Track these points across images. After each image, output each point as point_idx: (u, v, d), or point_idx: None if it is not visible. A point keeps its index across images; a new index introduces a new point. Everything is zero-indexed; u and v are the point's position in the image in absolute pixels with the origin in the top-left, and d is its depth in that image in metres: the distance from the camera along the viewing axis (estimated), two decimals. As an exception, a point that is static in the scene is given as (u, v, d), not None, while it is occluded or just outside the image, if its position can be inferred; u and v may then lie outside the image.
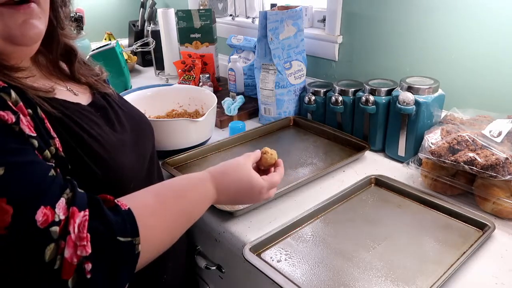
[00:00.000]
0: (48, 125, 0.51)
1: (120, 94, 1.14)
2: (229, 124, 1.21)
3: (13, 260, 0.42)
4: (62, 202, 0.45)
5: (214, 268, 0.91)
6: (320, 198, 0.87)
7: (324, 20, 1.37)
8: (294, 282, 0.66)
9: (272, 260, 0.73)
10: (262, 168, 0.74)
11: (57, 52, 0.64)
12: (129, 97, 1.15)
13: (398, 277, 0.68)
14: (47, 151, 0.49)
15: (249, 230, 0.80)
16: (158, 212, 0.54)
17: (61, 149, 0.52)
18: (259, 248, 0.75)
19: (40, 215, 0.42)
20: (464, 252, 0.71)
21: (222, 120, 1.28)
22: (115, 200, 0.51)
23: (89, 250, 0.44)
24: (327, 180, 0.97)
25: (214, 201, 0.64)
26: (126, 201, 0.52)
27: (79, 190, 0.48)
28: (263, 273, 0.68)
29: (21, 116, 0.46)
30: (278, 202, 0.89)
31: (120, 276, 0.47)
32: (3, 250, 0.42)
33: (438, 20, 1.06)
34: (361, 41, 1.26)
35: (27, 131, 0.46)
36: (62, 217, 0.44)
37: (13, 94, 0.46)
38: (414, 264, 0.70)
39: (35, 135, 0.48)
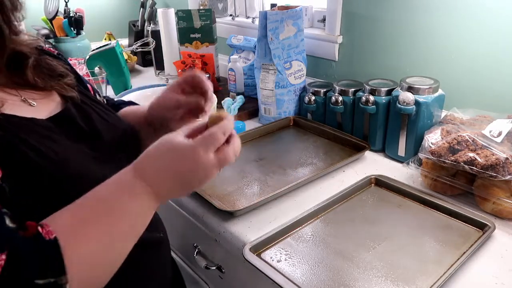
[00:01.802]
0: None
1: (120, 94, 1.15)
2: (229, 124, 1.21)
3: None
4: None
5: (214, 268, 0.91)
6: (320, 198, 0.87)
7: (324, 20, 1.37)
8: (294, 282, 0.66)
9: (272, 260, 0.73)
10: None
11: (2, 59, 0.56)
12: (129, 97, 1.15)
13: (398, 277, 0.68)
14: None
15: (249, 230, 0.80)
16: (83, 234, 0.46)
17: None
18: (259, 248, 0.75)
19: None
20: (464, 252, 0.71)
21: (222, 120, 1.28)
22: (38, 227, 0.43)
23: None
24: (327, 180, 0.97)
25: (153, 196, 0.50)
26: (50, 223, 0.45)
27: (7, 223, 0.42)
28: (263, 273, 0.68)
29: None
30: (278, 202, 0.89)
31: None
32: None
33: (438, 20, 1.06)
34: (361, 41, 1.26)
35: None
36: None
37: None
38: (414, 264, 0.70)
39: None
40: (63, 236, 0.43)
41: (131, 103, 0.90)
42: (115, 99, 0.93)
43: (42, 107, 0.59)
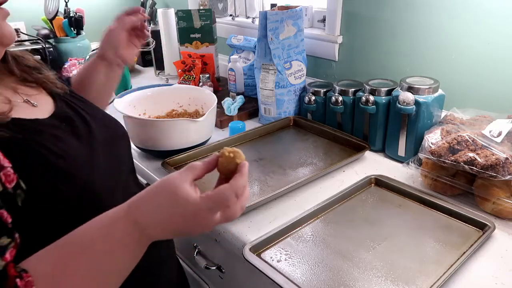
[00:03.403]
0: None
1: (120, 94, 1.15)
2: (229, 124, 1.21)
3: None
4: None
5: (214, 268, 0.91)
6: (320, 198, 0.87)
7: (324, 20, 1.37)
8: (294, 282, 0.66)
9: (272, 260, 0.73)
10: (223, 176, 0.54)
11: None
12: (129, 97, 1.15)
13: (398, 277, 0.68)
14: None
15: (249, 230, 0.80)
16: (63, 283, 0.44)
17: (12, 182, 0.45)
18: (259, 248, 0.75)
19: None
20: (464, 252, 0.71)
21: (222, 120, 1.28)
22: (18, 279, 0.42)
23: None
24: (327, 180, 0.97)
25: (144, 238, 0.48)
26: (30, 271, 0.43)
27: None
28: (263, 273, 0.68)
29: None
30: (278, 202, 0.89)
31: None
32: None
33: (438, 20, 1.06)
34: (361, 41, 1.26)
35: None
36: None
37: None
38: (414, 264, 0.70)
39: None
40: (42, 285, 0.42)
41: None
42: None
43: (42, 106, 0.60)
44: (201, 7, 1.71)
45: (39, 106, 0.59)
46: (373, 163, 1.04)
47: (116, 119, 0.74)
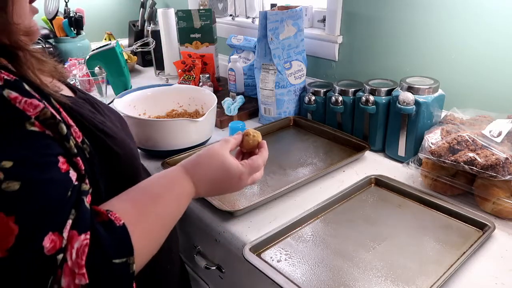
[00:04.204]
0: (64, 114, 0.50)
1: (120, 94, 1.15)
2: (229, 124, 1.21)
3: (8, 286, 0.39)
4: (68, 225, 0.43)
5: (214, 268, 0.91)
6: (320, 198, 0.87)
7: (324, 20, 1.37)
8: (294, 282, 0.66)
9: (272, 260, 0.73)
10: (245, 151, 0.71)
11: None
12: (129, 97, 1.15)
13: (398, 277, 0.68)
14: (71, 140, 0.48)
15: (249, 230, 0.80)
16: (142, 222, 0.52)
17: (79, 138, 0.51)
18: (259, 248, 0.75)
19: (48, 241, 0.40)
20: (464, 252, 0.71)
21: (222, 120, 1.28)
22: (108, 214, 0.48)
23: (87, 279, 0.41)
24: (327, 180, 0.97)
25: (193, 195, 0.61)
26: (115, 211, 0.50)
27: (84, 207, 0.46)
28: (263, 273, 0.68)
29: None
30: (278, 202, 0.89)
31: None
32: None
33: (438, 20, 1.06)
34: (361, 41, 1.26)
35: (57, 116, 0.46)
36: (66, 242, 0.42)
37: (26, 86, 0.45)
38: (414, 264, 0.70)
39: (62, 120, 0.47)
40: (128, 223, 0.49)
41: None
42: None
43: (65, 91, 0.63)
44: (201, 7, 1.71)
45: (63, 90, 0.62)
46: (373, 163, 1.04)
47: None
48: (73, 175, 0.46)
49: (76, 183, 0.46)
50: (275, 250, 0.75)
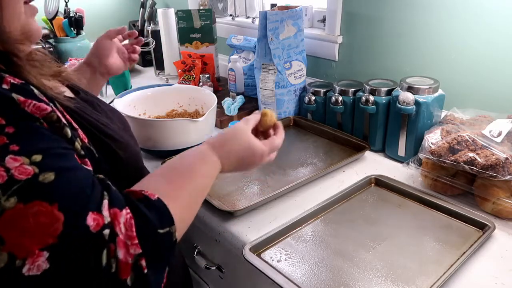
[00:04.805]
0: (69, 117, 0.51)
1: (120, 94, 1.15)
2: (229, 124, 1.21)
3: (66, 269, 0.41)
4: (105, 204, 0.45)
5: (214, 268, 0.91)
6: (320, 198, 0.87)
7: (324, 20, 1.37)
8: (294, 282, 0.66)
9: (272, 260, 0.73)
10: (261, 129, 0.74)
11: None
12: (129, 97, 1.15)
13: (398, 277, 0.68)
14: (76, 143, 0.49)
15: (249, 230, 0.80)
16: (175, 195, 0.54)
17: (86, 140, 0.52)
18: (259, 248, 0.75)
19: (91, 220, 0.43)
20: (464, 252, 0.71)
21: (222, 120, 1.28)
22: (142, 191, 0.51)
23: (140, 248, 0.45)
24: (327, 180, 0.97)
25: (220, 170, 0.64)
26: (146, 189, 0.52)
27: (113, 188, 0.49)
28: (263, 273, 0.68)
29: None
30: (278, 202, 0.89)
31: (167, 265, 0.50)
32: (55, 261, 0.40)
33: (438, 20, 1.06)
34: (361, 41, 1.26)
35: (63, 120, 0.47)
36: (109, 219, 0.44)
37: (35, 90, 0.46)
38: (414, 264, 0.70)
39: (67, 124, 0.48)
40: (163, 196, 0.51)
41: None
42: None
43: (67, 93, 0.64)
44: (201, 7, 1.71)
45: (65, 92, 0.63)
46: (373, 163, 1.04)
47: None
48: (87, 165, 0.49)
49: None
50: (275, 250, 0.75)
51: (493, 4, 0.95)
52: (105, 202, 0.45)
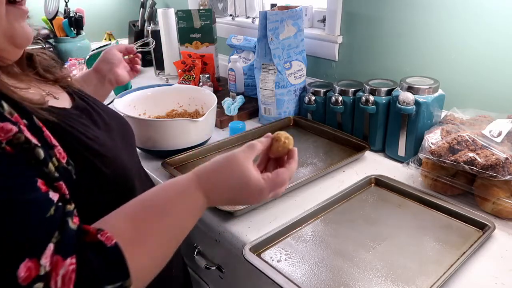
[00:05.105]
0: (47, 133, 0.47)
1: (120, 94, 1.15)
2: (229, 124, 1.21)
3: None
4: (49, 249, 0.39)
5: (214, 268, 0.91)
6: (320, 198, 0.87)
7: (324, 20, 1.37)
8: (294, 282, 0.66)
9: (272, 260, 0.73)
10: (272, 156, 0.63)
11: (24, 56, 0.59)
12: (129, 97, 1.15)
13: (398, 277, 0.68)
14: (50, 164, 0.44)
15: (249, 230, 0.80)
16: (144, 239, 0.47)
17: (64, 159, 0.48)
18: (259, 248, 0.75)
19: (23, 269, 0.37)
20: (464, 252, 0.71)
21: (222, 120, 1.28)
22: (98, 234, 0.44)
23: None
24: (327, 180, 0.97)
25: (206, 206, 0.56)
26: (106, 229, 0.45)
27: (69, 228, 0.43)
28: (263, 273, 0.68)
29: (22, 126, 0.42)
30: (278, 202, 0.89)
31: None
32: None
33: (438, 20, 1.06)
34: (361, 41, 1.26)
35: (33, 140, 0.42)
36: (48, 269, 0.38)
37: (5, 105, 0.42)
38: (414, 264, 0.70)
39: (40, 145, 0.43)
40: (122, 241, 0.45)
41: None
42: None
43: (62, 100, 0.62)
44: (201, 7, 1.71)
45: (60, 99, 0.61)
46: (373, 163, 1.04)
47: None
48: (54, 195, 0.43)
49: (59, 204, 0.43)
50: (275, 250, 0.75)
51: (493, 4, 0.95)
52: (50, 246, 0.39)
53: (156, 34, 1.75)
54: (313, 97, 1.19)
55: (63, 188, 0.45)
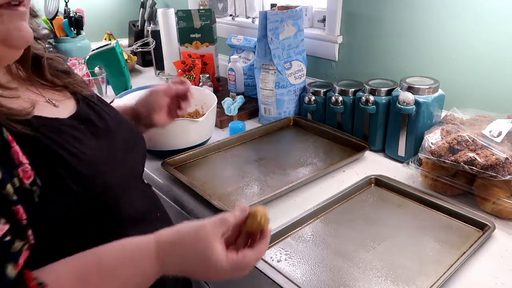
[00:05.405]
0: (16, 149, 0.45)
1: (120, 94, 1.15)
2: (229, 124, 1.21)
3: None
4: None
5: (214, 268, 0.91)
6: (320, 198, 0.87)
7: (324, 20, 1.37)
8: (294, 282, 0.66)
9: (272, 260, 0.73)
10: (245, 231, 0.57)
11: (29, 59, 0.58)
12: (129, 97, 1.15)
13: (398, 277, 0.68)
14: (9, 185, 0.42)
15: (249, 230, 0.80)
16: None
17: (29, 179, 0.45)
18: (259, 248, 0.75)
19: None
20: (464, 252, 0.71)
21: (222, 120, 1.28)
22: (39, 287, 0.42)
23: None
24: (327, 180, 0.97)
25: (159, 275, 0.52)
26: (49, 283, 0.43)
27: (8, 273, 0.40)
28: (263, 273, 0.68)
29: None
30: (278, 202, 0.89)
31: None
32: None
33: (438, 20, 1.06)
34: (361, 41, 1.26)
35: None
36: None
37: None
38: (414, 264, 0.70)
39: (2, 162, 0.42)
40: None
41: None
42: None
43: (63, 107, 0.60)
44: (201, 7, 1.71)
45: (60, 107, 0.60)
46: (373, 163, 1.04)
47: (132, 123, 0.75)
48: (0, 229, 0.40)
49: (4, 239, 0.40)
50: (275, 250, 0.75)
51: (493, 4, 0.95)
52: None
53: (156, 34, 1.75)
54: (313, 97, 1.19)
55: (20, 212, 0.43)
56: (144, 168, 0.75)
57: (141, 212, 0.65)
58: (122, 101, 1.11)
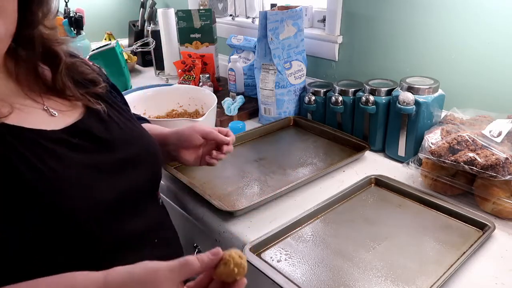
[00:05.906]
0: None
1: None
2: (229, 124, 1.21)
3: None
4: None
5: (214, 268, 0.91)
6: (320, 198, 0.87)
7: (324, 20, 1.37)
8: (294, 282, 0.66)
9: (272, 260, 0.73)
10: (215, 278, 0.49)
11: (36, 57, 0.56)
12: (129, 97, 1.15)
13: (398, 277, 0.68)
14: None
15: (249, 230, 0.80)
16: None
17: None
18: (259, 248, 0.75)
19: None
20: (464, 252, 0.71)
21: (222, 120, 1.28)
22: None
23: None
24: (327, 180, 0.97)
25: None
26: None
27: None
28: (263, 273, 0.68)
29: None
30: (278, 202, 0.89)
31: None
32: None
33: (438, 20, 1.06)
34: (361, 41, 1.26)
35: None
36: None
37: None
38: (414, 264, 0.70)
39: None
40: None
41: (145, 119, 0.92)
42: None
43: (63, 117, 0.57)
44: (201, 7, 1.71)
45: (58, 116, 0.57)
46: (373, 163, 1.04)
47: (152, 141, 0.70)
48: None
49: None
50: (275, 250, 0.75)
51: (493, 4, 0.95)
52: None
53: (156, 34, 1.75)
54: (313, 97, 1.19)
55: None
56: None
57: (134, 235, 0.61)
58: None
